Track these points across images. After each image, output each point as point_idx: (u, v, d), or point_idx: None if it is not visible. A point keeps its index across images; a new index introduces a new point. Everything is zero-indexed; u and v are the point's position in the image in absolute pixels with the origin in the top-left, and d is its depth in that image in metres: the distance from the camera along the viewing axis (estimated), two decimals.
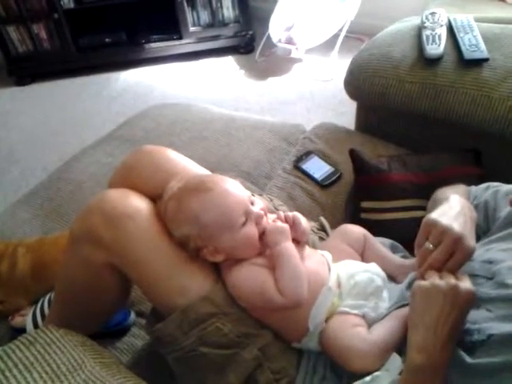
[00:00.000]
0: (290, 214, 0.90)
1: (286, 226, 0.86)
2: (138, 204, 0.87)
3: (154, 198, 0.90)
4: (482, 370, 0.68)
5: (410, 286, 0.89)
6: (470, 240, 0.77)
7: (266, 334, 0.85)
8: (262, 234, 0.86)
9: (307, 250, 0.91)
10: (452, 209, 0.83)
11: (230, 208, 0.84)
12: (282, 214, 0.90)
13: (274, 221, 0.88)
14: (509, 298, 0.72)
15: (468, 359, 0.69)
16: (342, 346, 0.79)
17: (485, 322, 0.71)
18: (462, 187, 1.03)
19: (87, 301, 0.95)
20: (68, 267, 0.94)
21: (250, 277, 0.84)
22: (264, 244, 0.86)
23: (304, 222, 0.91)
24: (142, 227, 0.85)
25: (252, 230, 0.85)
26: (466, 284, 0.71)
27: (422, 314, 0.72)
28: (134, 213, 0.85)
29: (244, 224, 0.84)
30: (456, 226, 0.77)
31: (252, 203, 0.87)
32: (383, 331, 0.79)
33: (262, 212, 0.87)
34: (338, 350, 0.80)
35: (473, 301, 0.71)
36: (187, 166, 1.01)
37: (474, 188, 1.03)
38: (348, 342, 0.79)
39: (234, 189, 0.87)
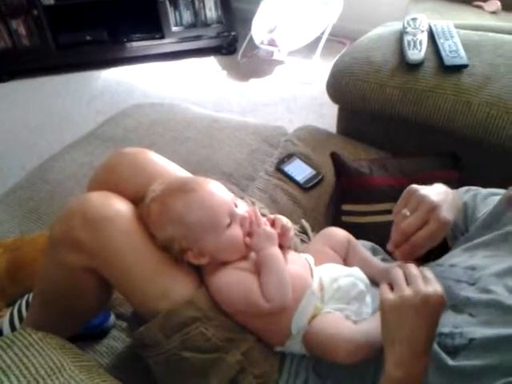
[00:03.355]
0: (284, 220, 0.89)
1: (274, 232, 0.85)
2: (119, 207, 0.86)
3: (135, 201, 0.89)
4: (462, 372, 0.69)
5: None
6: (446, 212, 0.80)
7: (248, 339, 0.85)
8: (248, 236, 0.85)
9: (290, 253, 0.91)
10: (434, 188, 0.87)
11: (214, 209, 0.84)
12: (271, 217, 0.90)
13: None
14: (491, 303, 0.73)
15: (450, 362, 0.70)
16: (327, 336, 0.79)
17: (467, 327, 0.73)
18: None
19: (66, 303, 0.93)
20: (47, 269, 0.93)
21: (234, 281, 0.83)
22: (248, 247, 0.86)
23: (292, 229, 0.91)
24: (123, 230, 0.84)
25: (237, 232, 0.85)
26: (434, 288, 0.67)
27: (394, 330, 0.68)
28: (115, 215, 0.84)
29: (229, 225, 0.84)
30: (434, 196, 0.82)
31: (235, 205, 0.87)
32: (367, 324, 0.79)
33: (247, 214, 0.87)
34: (322, 342, 0.79)
35: (443, 305, 0.68)
36: (168, 168, 1.00)
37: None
38: (333, 330, 0.79)
39: (218, 190, 0.87)
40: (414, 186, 0.85)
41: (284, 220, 0.90)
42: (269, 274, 0.82)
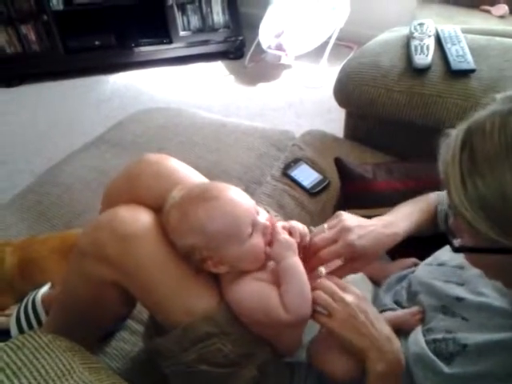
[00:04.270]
0: (301, 227, 0.88)
1: (294, 240, 0.82)
2: (148, 222, 0.84)
3: (158, 208, 0.87)
4: (458, 379, 0.69)
5: (387, 290, 0.93)
6: (356, 237, 0.86)
7: (264, 353, 0.84)
8: (271, 243, 0.82)
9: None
10: (364, 219, 0.92)
11: (237, 217, 0.80)
12: (286, 225, 0.87)
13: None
14: (483, 307, 0.73)
15: (445, 369, 0.70)
16: (326, 356, 0.80)
17: (460, 332, 0.73)
18: (424, 198, 1.05)
19: (88, 315, 0.93)
20: (71, 281, 0.92)
21: (254, 292, 0.81)
22: (268, 257, 0.83)
23: (307, 233, 0.89)
24: (152, 246, 0.83)
25: (258, 241, 0.81)
26: (351, 292, 0.79)
27: (354, 342, 0.75)
28: (144, 232, 0.83)
29: (251, 234, 0.81)
30: (350, 221, 0.88)
31: (257, 213, 0.84)
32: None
33: (268, 223, 0.84)
34: (322, 360, 0.81)
35: (366, 299, 0.79)
36: (190, 175, 0.98)
37: (441, 193, 1.05)
38: (331, 353, 0.79)
39: (240, 197, 0.83)
40: (342, 211, 0.92)
41: (300, 226, 0.88)
42: (290, 284, 0.79)
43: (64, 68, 3.18)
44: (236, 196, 0.83)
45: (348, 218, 0.90)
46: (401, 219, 0.96)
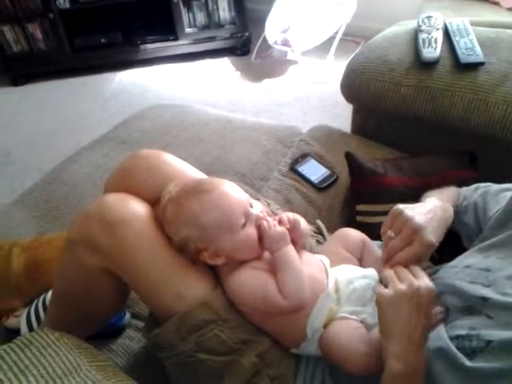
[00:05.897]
0: (291, 215, 0.90)
1: (284, 231, 0.85)
2: (136, 209, 0.86)
3: (152, 202, 0.90)
4: (480, 374, 0.68)
5: None
6: (430, 234, 0.81)
7: (264, 341, 0.85)
8: (262, 236, 0.85)
9: (305, 254, 0.91)
10: (422, 206, 0.88)
11: (230, 208, 0.84)
12: (281, 215, 0.89)
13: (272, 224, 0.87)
14: (509, 306, 0.72)
15: (467, 363, 0.69)
16: (344, 347, 0.79)
17: (484, 329, 0.72)
18: (451, 189, 1.04)
19: (83, 304, 0.94)
20: (64, 271, 0.94)
21: (251, 281, 0.84)
22: (263, 247, 0.86)
23: (303, 223, 0.91)
24: (140, 232, 0.84)
25: (252, 232, 0.85)
26: (424, 282, 0.73)
27: (391, 322, 0.72)
28: (132, 218, 0.85)
29: (244, 225, 0.84)
30: (418, 218, 0.82)
31: (251, 205, 0.88)
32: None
33: (261, 214, 0.87)
34: (339, 353, 0.80)
35: (434, 297, 0.73)
36: (184, 169, 1.00)
37: (464, 189, 1.05)
38: (349, 343, 0.79)
39: (233, 190, 0.87)
40: (400, 206, 0.85)
41: (290, 215, 0.90)
42: (285, 272, 0.82)
43: (70, 66, 3.19)
44: (229, 189, 0.87)
45: (413, 215, 0.82)
46: (447, 202, 0.95)
